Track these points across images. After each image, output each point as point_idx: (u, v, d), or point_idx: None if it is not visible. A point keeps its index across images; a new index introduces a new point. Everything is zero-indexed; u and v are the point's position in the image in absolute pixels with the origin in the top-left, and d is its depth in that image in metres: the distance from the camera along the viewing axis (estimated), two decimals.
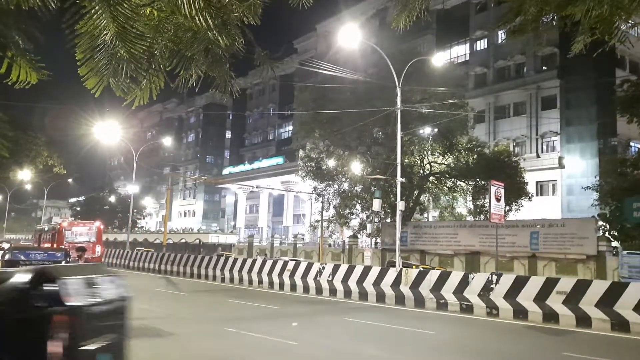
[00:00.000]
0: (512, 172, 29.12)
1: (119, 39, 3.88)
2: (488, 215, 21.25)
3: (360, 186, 31.70)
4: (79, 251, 12.74)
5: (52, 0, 3.88)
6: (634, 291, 12.59)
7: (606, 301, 12.82)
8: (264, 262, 23.20)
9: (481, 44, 45.03)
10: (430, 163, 30.92)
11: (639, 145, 35.40)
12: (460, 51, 46.35)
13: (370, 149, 31.56)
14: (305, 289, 20.36)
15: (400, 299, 17.13)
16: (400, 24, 5.25)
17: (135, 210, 64.44)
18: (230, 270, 24.41)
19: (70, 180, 65.52)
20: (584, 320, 13.03)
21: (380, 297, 17.72)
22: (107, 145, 52.47)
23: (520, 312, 14.28)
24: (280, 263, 22.34)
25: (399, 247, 22.55)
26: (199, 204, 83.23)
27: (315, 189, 34.61)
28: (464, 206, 33.15)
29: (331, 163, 33.12)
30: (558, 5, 4.81)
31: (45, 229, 35.86)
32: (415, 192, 31.09)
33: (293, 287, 20.89)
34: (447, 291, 16.02)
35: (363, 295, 18.23)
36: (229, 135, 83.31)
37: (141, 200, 76.35)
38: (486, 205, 26.28)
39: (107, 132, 37.61)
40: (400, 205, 22.43)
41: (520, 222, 26.40)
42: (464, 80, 39.16)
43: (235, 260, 25.13)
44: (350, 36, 21.09)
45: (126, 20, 3.85)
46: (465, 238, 28.03)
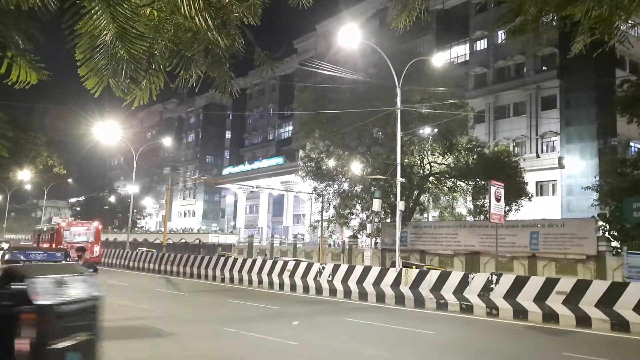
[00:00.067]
0: (512, 172, 29.12)
1: (118, 39, 3.88)
2: (488, 216, 21.25)
3: (360, 186, 31.69)
4: (79, 251, 12.75)
5: (52, 1, 3.88)
6: (634, 291, 12.60)
7: (606, 301, 12.82)
8: (263, 262, 23.21)
9: (481, 44, 45.03)
10: (430, 163, 30.90)
11: (638, 145, 35.41)
12: (460, 51, 46.35)
13: (370, 149, 31.55)
14: (305, 289, 20.36)
15: (400, 299, 17.14)
16: (400, 24, 5.25)
17: (135, 210, 64.47)
18: (230, 270, 24.41)
19: (70, 180, 65.63)
20: (583, 320, 13.04)
21: (380, 297, 17.72)
22: (107, 146, 52.52)
23: (520, 312, 14.29)
24: (280, 263, 22.34)
25: (398, 247, 22.56)
26: (198, 204, 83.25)
27: (315, 189, 34.59)
28: (463, 206, 33.15)
29: (331, 163, 33.10)
30: (558, 6, 4.82)
31: (44, 229, 35.91)
32: (415, 192, 31.08)
33: (293, 287, 20.90)
34: (447, 291, 16.03)
35: (363, 295, 18.24)
36: (228, 135, 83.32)
37: (141, 201, 76.35)
38: (486, 205, 26.27)
39: (107, 132, 37.63)
40: (400, 206, 22.45)
41: (520, 222, 26.39)
42: (464, 80, 39.14)
43: (235, 260, 25.12)
44: (350, 36, 21.10)
45: (126, 21, 3.85)
46: (465, 238, 28.03)
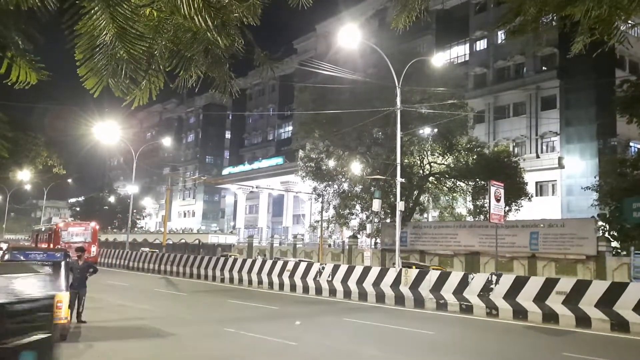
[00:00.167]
0: (512, 173, 29.13)
1: (118, 39, 3.87)
2: (488, 216, 21.25)
3: (360, 186, 31.69)
4: (79, 251, 12.72)
5: (52, 1, 3.88)
6: (634, 291, 12.61)
7: (606, 301, 12.82)
8: (263, 263, 23.21)
9: (481, 44, 45.04)
10: (430, 163, 30.89)
11: (638, 146, 35.40)
12: (459, 51, 46.35)
13: (370, 149, 31.54)
14: (305, 289, 20.36)
15: (400, 300, 17.14)
16: (400, 24, 5.24)
17: (134, 210, 64.45)
18: (230, 270, 24.41)
19: (69, 180, 65.63)
20: (583, 320, 13.04)
21: (380, 298, 17.72)
22: (107, 146, 52.53)
23: (519, 313, 14.29)
24: (280, 263, 22.35)
25: (398, 248, 22.56)
26: (198, 205, 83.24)
27: (315, 189, 34.58)
28: (463, 206, 33.15)
29: (331, 163, 33.10)
30: (557, 6, 4.81)
31: (42, 230, 35.95)
32: (415, 193, 31.08)
33: (293, 288, 20.90)
34: (447, 291, 16.03)
35: (363, 295, 18.23)
36: (228, 135, 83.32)
37: (141, 201, 76.32)
38: (486, 205, 26.27)
39: (107, 133, 37.64)
40: (400, 206, 22.45)
41: (520, 223, 26.39)
42: (464, 80, 39.14)
43: (235, 260, 25.12)
44: (349, 36, 21.11)
45: (126, 21, 3.85)
46: (465, 238, 28.02)
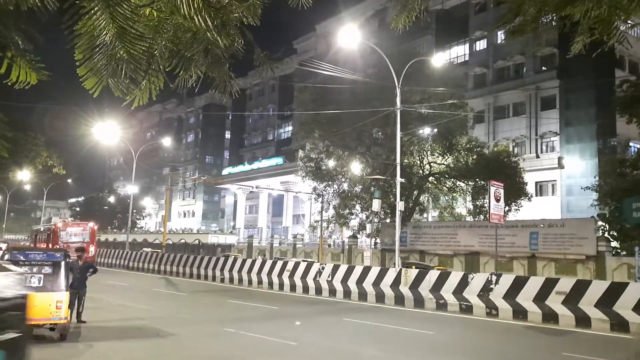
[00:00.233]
0: (512, 173, 29.13)
1: (118, 39, 3.87)
2: (487, 216, 21.25)
3: (360, 186, 31.68)
4: (78, 251, 12.72)
5: (52, 1, 3.88)
6: (634, 291, 12.61)
7: (605, 301, 12.82)
8: (263, 263, 23.22)
9: (480, 45, 45.03)
10: (429, 163, 30.89)
11: (638, 146, 35.39)
12: (459, 51, 46.34)
13: (369, 149, 31.54)
14: (305, 289, 20.36)
15: (399, 300, 17.14)
16: (400, 24, 5.24)
17: (134, 210, 64.40)
18: (230, 270, 24.41)
19: (69, 180, 65.61)
20: (583, 320, 13.04)
21: (380, 298, 17.72)
22: (107, 146, 52.53)
23: (519, 313, 14.29)
24: (279, 263, 22.35)
25: (398, 248, 22.57)
26: (198, 205, 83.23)
27: (314, 189, 34.57)
28: (463, 206, 33.15)
29: (331, 163, 33.10)
30: (557, 6, 4.81)
31: (41, 230, 35.98)
32: (415, 193, 31.08)
33: (292, 288, 20.90)
34: (447, 291, 16.03)
35: (363, 295, 18.23)
36: (228, 135, 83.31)
37: (140, 201, 76.30)
38: (486, 205, 26.27)
39: (107, 133, 37.66)
40: (400, 206, 22.45)
41: (520, 223, 26.38)
42: (464, 80, 39.14)
43: (235, 260, 25.12)
44: (349, 36, 21.12)
45: (125, 21, 3.84)
46: (465, 238, 28.02)
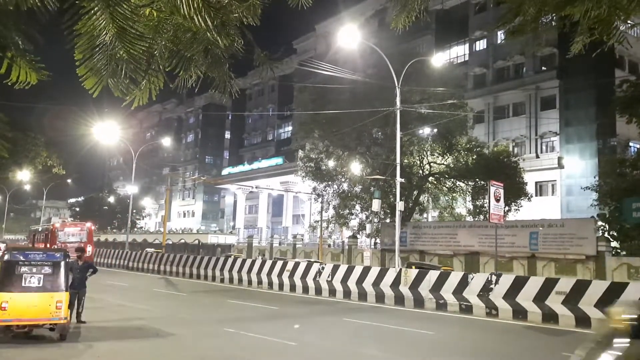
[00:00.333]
0: (512, 173, 29.13)
1: (118, 39, 3.87)
2: (487, 216, 21.25)
3: (360, 186, 31.67)
4: (78, 251, 12.74)
5: (52, 1, 3.88)
6: (634, 291, 12.60)
7: (605, 301, 12.79)
8: (263, 263, 23.22)
9: (480, 45, 45.02)
10: (429, 163, 30.89)
11: (638, 146, 35.39)
12: (459, 51, 46.33)
13: (369, 150, 31.54)
14: (305, 289, 20.36)
15: (399, 300, 17.14)
16: (400, 24, 5.24)
17: (134, 210, 64.39)
18: (230, 270, 24.40)
19: (69, 180, 65.51)
20: (583, 320, 13.03)
21: (380, 298, 17.72)
22: (107, 146, 52.56)
23: (519, 313, 14.29)
24: (279, 263, 22.35)
25: (398, 248, 22.57)
26: (198, 205, 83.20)
27: (314, 189, 34.56)
28: (463, 206, 33.14)
29: (330, 163, 33.09)
30: (557, 6, 4.81)
31: (39, 230, 36.00)
32: (415, 193, 31.08)
33: (292, 288, 20.89)
34: (447, 291, 16.02)
35: (362, 295, 18.23)
36: (228, 135, 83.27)
37: (140, 201, 76.27)
38: (485, 205, 26.27)
39: (106, 133, 37.64)
40: (400, 206, 22.45)
41: (520, 223, 26.37)
42: (463, 80, 39.14)
43: (234, 260, 25.13)
44: (349, 36, 21.12)
45: (125, 21, 3.84)
46: (465, 238, 28.01)
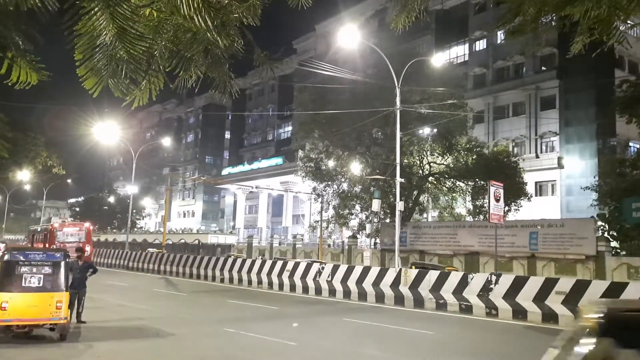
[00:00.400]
0: (512, 173, 29.14)
1: (118, 39, 3.87)
2: (487, 216, 21.26)
3: (360, 186, 31.68)
4: (78, 251, 12.75)
5: (52, 1, 3.88)
6: (633, 291, 12.60)
7: None
8: (263, 263, 23.23)
9: (480, 45, 45.02)
10: (429, 163, 30.90)
11: (637, 146, 35.40)
12: (459, 51, 46.33)
13: (369, 150, 31.55)
14: (305, 289, 20.36)
15: (399, 300, 17.14)
16: (399, 24, 5.24)
17: (134, 210, 64.39)
18: (230, 270, 24.41)
19: (69, 180, 65.51)
20: None
21: (380, 298, 17.72)
22: (107, 146, 52.55)
23: (519, 313, 14.29)
24: (279, 263, 22.36)
25: (398, 248, 22.57)
26: (198, 205, 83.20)
27: (314, 189, 34.58)
28: (463, 206, 33.15)
29: (330, 163, 33.10)
30: (557, 6, 4.81)
31: (38, 230, 36.04)
32: (415, 193, 31.09)
33: (292, 288, 20.90)
34: (447, 291, 16.03)
35: (362, 295, 18.24)
36: (228, 135, 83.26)
37: (140, 201, 76.26)
38: (485, 205, 26.27)
39: (107, 133, 37.65)
40: (400, 206, 22.45)
41: (520, 223, 26.38)
42: (463, 80, 39.15)
43: (234, 260, 25.15)
44: (349, 36, 21.14)
45: (125, 21, 3.84)
46: (465, 238, 28.01)
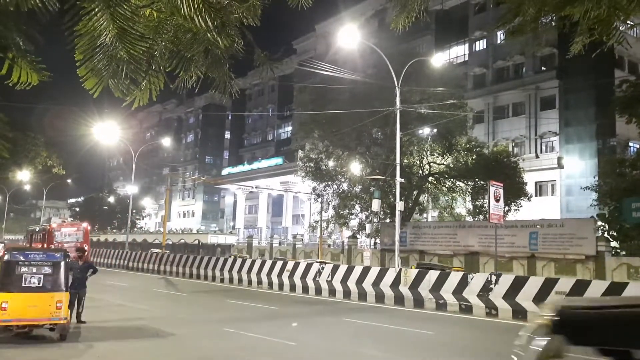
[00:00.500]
0: (511, 173, 29.16)
1: (118, 40, 3.87)
2: (487, 216, 21.26)
3: (360, 186, 31.69)
4: (79, 251, 12.76)
5: (52, 2, 3.89)
6: (634, 291, 12.61)
7: None
8: (263, 263, 23.23)
9: (480, 45, 45.03)
10: (429, 163, 30.91)
11: (637, 146, 35.41)
12: (459, 52, 46.34)
13: (369, 150, 31.56)
14: (305, 289, 20.37)
15: (399, 300, 17.15)
16: (399, 24, 5.24)
17: (134, 210, 64.39)
18: (230, 270, 24.41)
19: (69, 180, 65.51)
20: None
21: (380, 298, 17.73)
22: (106, 146, 52.58)
23: (519, 313, 14.29)
24: (279, 263, 22.36)
25: (398, 248, 22.57)
26: (198, 205, 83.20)
27: (314, 189, 34.59)
28: (463, 206, 33.16)
29: (330, 163, 33.12)
30: (557, 6, 4.81)
31: (37, 230, 36.06)
32: (415, 193, 31.10)
33: (292, 288, 20.90)
34: (447, 291, 16.03)
35: (362, 295, 18.24)
36: (228, 135, 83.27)
37: (140, 201, 76.26)
38: (485, 205, 26.28)
39: (106, 133, 37.67)
40: (400, 206, 22.46)
41: (520, 223, 26.39)
42: (463, 80, 39.17)
43: (234, 260, 25.14)
44: (349, 37, 21.14)
45: (126, 22, 3.85)
46: (465, 238, 28.03)
